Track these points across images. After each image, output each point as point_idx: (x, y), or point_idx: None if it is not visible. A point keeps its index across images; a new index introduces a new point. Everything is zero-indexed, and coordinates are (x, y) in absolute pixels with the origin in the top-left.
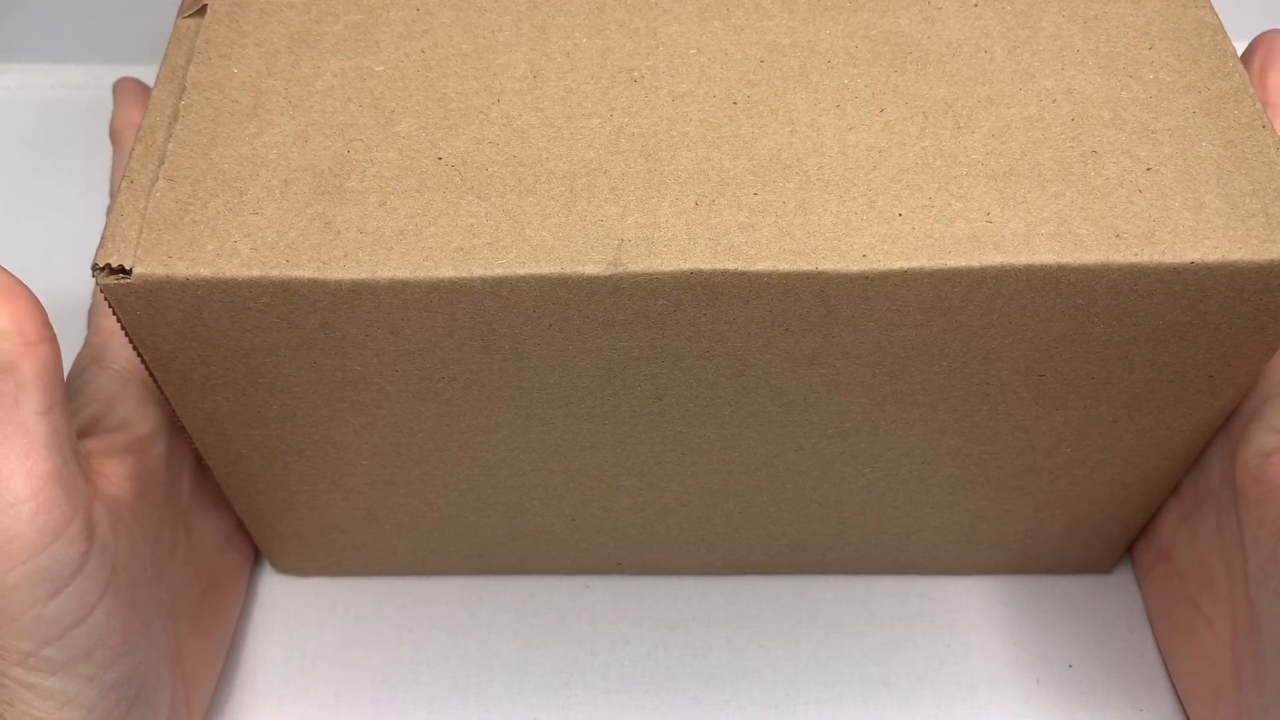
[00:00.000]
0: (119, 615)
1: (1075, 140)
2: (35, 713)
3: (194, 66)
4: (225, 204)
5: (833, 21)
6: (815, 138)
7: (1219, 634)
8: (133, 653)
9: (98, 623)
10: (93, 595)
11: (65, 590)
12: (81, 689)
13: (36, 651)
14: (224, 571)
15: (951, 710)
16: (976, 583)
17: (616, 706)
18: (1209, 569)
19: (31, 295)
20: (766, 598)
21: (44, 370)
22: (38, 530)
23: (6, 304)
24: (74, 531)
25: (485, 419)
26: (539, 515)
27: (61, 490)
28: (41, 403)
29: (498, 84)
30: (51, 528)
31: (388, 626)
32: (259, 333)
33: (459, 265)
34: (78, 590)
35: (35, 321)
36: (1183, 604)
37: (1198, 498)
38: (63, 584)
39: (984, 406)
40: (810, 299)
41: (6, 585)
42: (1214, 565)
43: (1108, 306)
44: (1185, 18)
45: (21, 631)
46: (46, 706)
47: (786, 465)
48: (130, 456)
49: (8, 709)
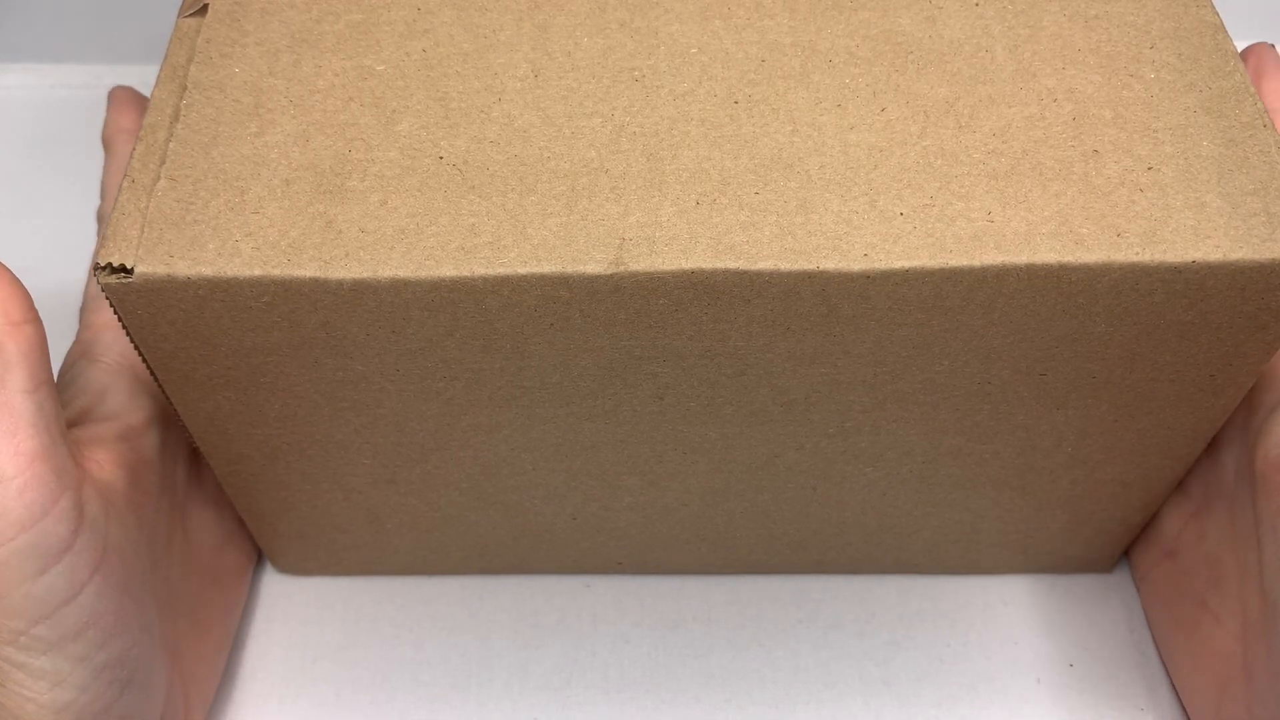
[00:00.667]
0: (110, 596)
1: (1076, 139)
2: (26, 693)
3: (195, 66)
4: (227, 203)
5: (834, 21)
6: (816, 137)
7: (1228, 629)
8: (125, 635)
9: (88, 602)
10: (83, 574)
11: (54, 568)
12: (73, 669)
13: (27, 630)
14: (224, 570)
15: (951, 710)
16: (976, 583)
17: (616, 706)
18: (1219, 565)
19: (14, 278)
20: (766, 598)
21: (29, 350)
22: (25, 506)
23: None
24: (62, 509)
25: (486, 418)
26: (540, 514)
27: (49, 468)
28: (27, 381)
29: (499, 83)
30: (40, 504)
31: (388, 626)
32: (260, 332)
33: (460, 264)
34: (67, 568)
35: (19, 302)
36: (1188, 602)
37: (1208, 496)
38: (51, 561)
39: (985, 406)
40: (811, 298)
41: None
42: (1224, 561)
43: (1109, 306)
44: (1186, 17)
45: (11, 609)
46: (38, 686)
47: (787, 464)
48: (122, 445)
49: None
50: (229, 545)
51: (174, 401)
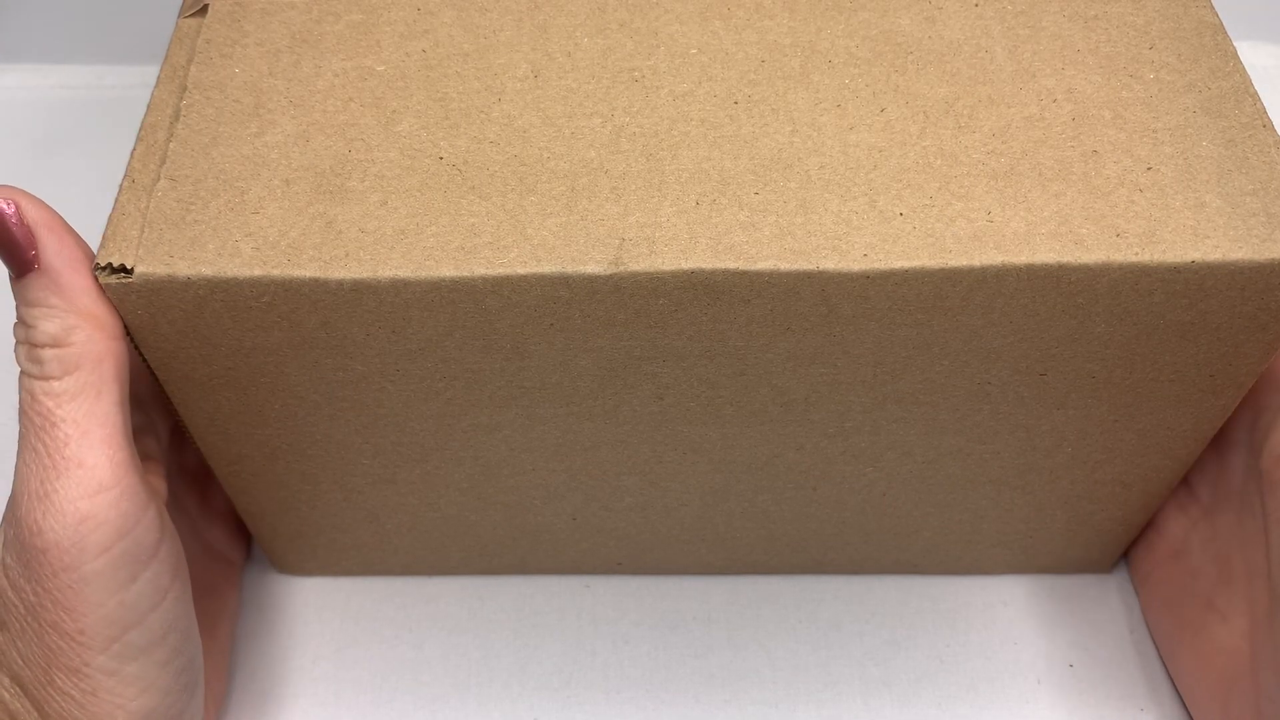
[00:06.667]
0: (185, 600)
1: (1076, 140)
2: (117, 700)
3: (195, 66)
4: (227, 203)
5: (834, 21)
6: (816, 137)
7: (1234, 628)
8: (194, 639)
9: (170, 607)
10: (166, 580)
11: (143, 575)
12: (158, 674)
13: (120, 636)
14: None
15: (951, 710)
16: (976, 583)
17: (616, 706)
18: (1227, 565)
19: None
20: (766, 598)
21: (124, 365)
22: (121, 515)
23: (101, 300)
24: (150, 518)
25: (486, 418)
26: (540, 515)
27: (138, 479)
28: (120, 395)
29: (499, 84)
30: (132, 514)
31: (388, 626)
32: (260, 332)
33: (460, 264)
34: (154, 574)
35: (118, 319)
36: (1193, 602)
37: (1217, 497)
38: (141, 568)
39: (985, 406)
40: (811, 298)
41: (94, 571)
42: (1233, 560)
43: (1108, 306)
44: (1186, 17)
45: (107, 617)
46: (128, 693)
47: (787, 465)
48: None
49: (91, 699)
50: (212, 553)
51: (174, 401)
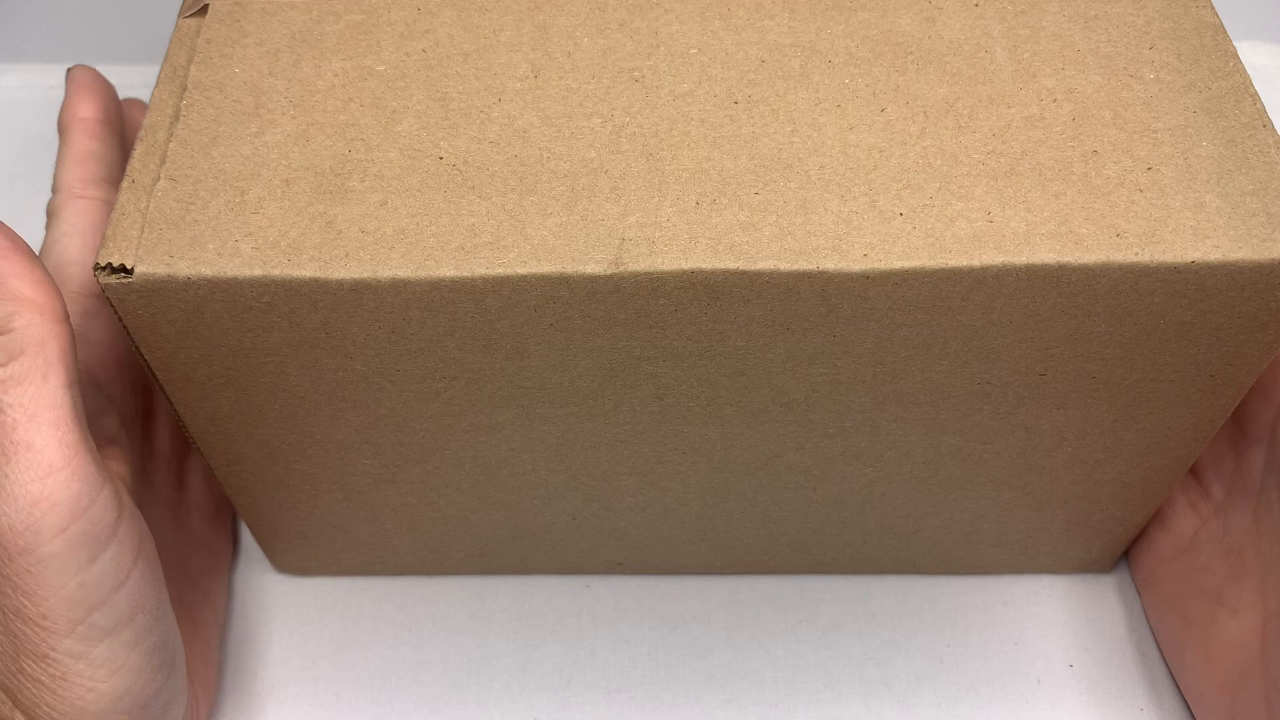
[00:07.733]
0: (151, 579)
1: (1076, 140)
2: (88, 683)
3: (195, 66)
4: (227, 203)
5: (833, 21)
6: (816, 137)
7: (1245, 621)
8: (165, 618)
9: (135, 586)
10: (128, 559)
11: (103, 555)
12: (128, 654)
13: (84, 618)
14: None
15: (951, 710)
16: (976, 583)
17: (616, 706)
18: (1239, 559)
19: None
20: (766, 598)
21: (69, 347)
22: (74, 496)
23: (40, 285)
24: (106, 498)
25: (486, 418)
26: (540, 515)
27: (90, 459)
28: (66, 377)
29: (499, 84)
30: (86, 493)
31: (388, 626)
32: (260, 332)
33: (460, 265)
34: (114, 554)
35: (60, 302)
36: (1201, 598)
37: (1232, 493)
38: (100, 548)
39: (985, 406)
40: (811, 298)
41: (51, 554)
42: (1246, 555)
43: (1108, 306)
44: (1186, 17)
45: (69, 599)
46: (99, 675)
47: (787, 465)
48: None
49: (61, 684)
50: (192, 543)
51: (174, 401)
